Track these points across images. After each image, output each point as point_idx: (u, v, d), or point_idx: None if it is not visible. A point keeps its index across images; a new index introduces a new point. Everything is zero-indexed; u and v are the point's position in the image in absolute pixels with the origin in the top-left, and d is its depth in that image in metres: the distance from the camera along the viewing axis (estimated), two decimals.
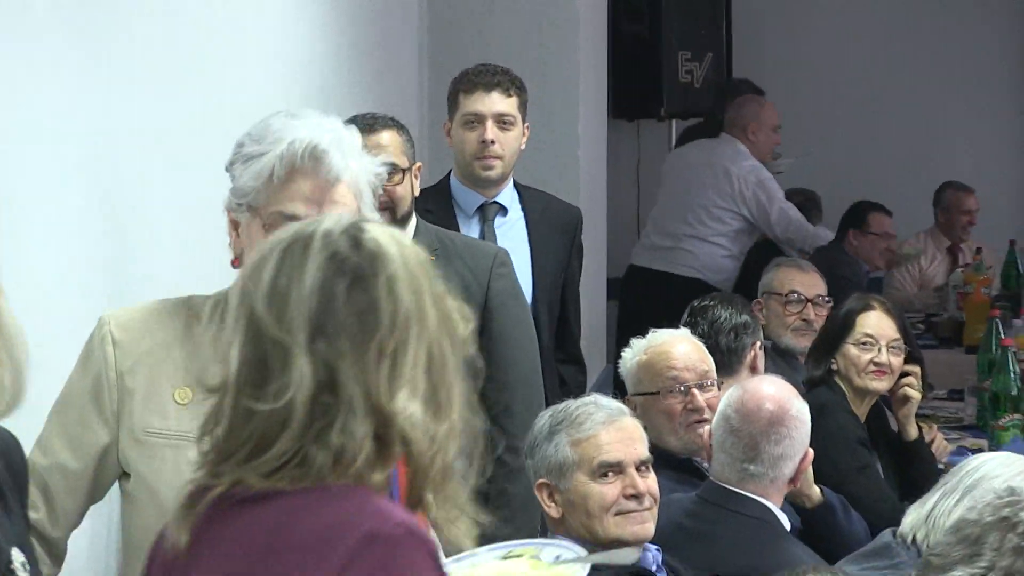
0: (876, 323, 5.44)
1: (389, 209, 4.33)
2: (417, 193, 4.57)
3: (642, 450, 4.03)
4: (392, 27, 7.02)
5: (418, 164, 4.57)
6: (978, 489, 3.82)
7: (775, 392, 4.50)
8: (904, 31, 10.51)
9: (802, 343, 6.12)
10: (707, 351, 4.97)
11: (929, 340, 8.34)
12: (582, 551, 3.44)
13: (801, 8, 10.47)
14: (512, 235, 5.07)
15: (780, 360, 5.95)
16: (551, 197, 5.32)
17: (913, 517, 3.95)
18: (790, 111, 9.47)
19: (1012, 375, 6.20)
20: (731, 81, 9.99)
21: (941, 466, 5.53)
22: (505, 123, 4.98)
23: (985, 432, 6.25)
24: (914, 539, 3.89)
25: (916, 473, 5.40)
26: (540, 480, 3.71)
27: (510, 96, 5.01)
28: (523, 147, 5.13)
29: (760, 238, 8.89)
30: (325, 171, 2.65)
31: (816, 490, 4.65)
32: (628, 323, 7.14)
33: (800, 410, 4.50)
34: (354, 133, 2.85)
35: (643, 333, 4.99)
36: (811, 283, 6.35)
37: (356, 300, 2.30)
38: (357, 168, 2.75)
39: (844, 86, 10.49)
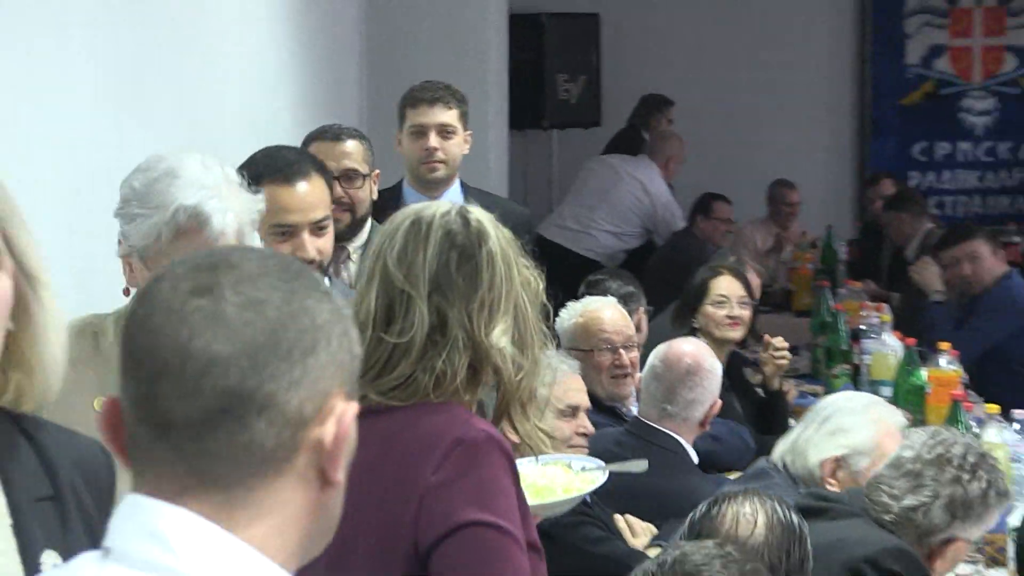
0: (727, 285, 5.68)
1: (350, 210, 4.26)
2: (375, 197, 4.42)
3: (587, 399, 4.29)
4: (338, 56, 7.14)
5: (376, 171, 4.44)
6: (831, 420, 4.08)
7: (693, 350, 4.76)
8: (743, 57, 10.34)
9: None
10: (629, 318, 5.11)
11: (763, 306, 8.11)
12: (601, 463, 3.77)
13: (656, 40, 10.24)
14: None
15: None
16: (499, 199, 5.19)
17: (782, 448, 4.14)
18: None
19: (842, 333, 6.50)
20: (648, 96, 10.15)
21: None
22: (447, 132, 4.88)
23: (819, 379, 6.51)
24: (784, 464, 4.05)
25: (775, 412, 5.73)
26: None
27: (451, 108, 4.90)
28: (466, 151, 5.00)
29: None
30: (208, 232, 2.57)
31: None
32: None
33: (713, 366, 4.74)
34: (231, 175, 2.73)
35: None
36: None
37: (464, 267, 2.59)
38: (237, 213, 2.66)
39: (695, 102, 10.38)
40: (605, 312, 5.04)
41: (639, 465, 4.17)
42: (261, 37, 5.78)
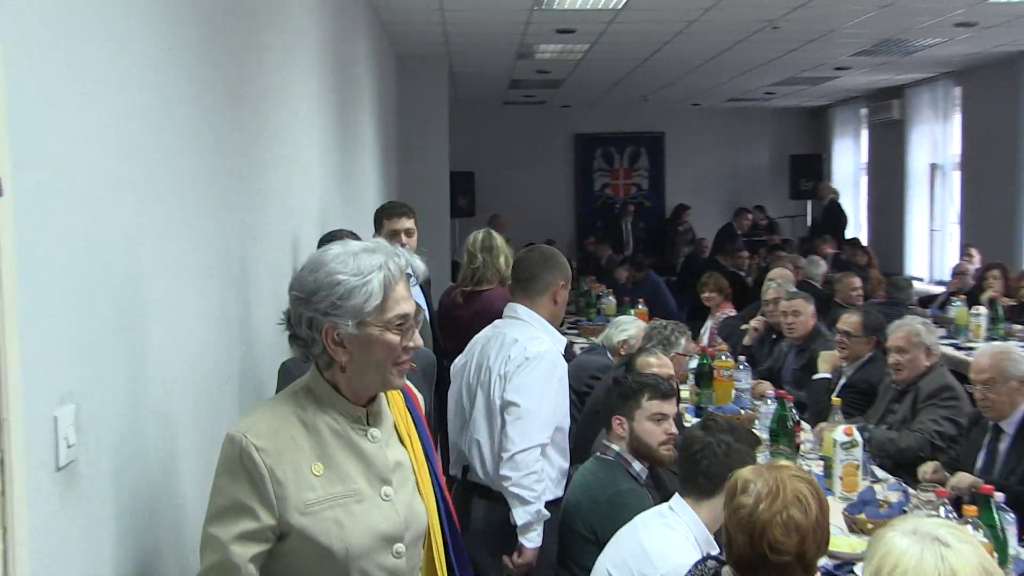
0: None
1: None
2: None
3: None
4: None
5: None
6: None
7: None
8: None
9: None
10: None
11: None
12: None
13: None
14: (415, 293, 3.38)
15: None
16: None
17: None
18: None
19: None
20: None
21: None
22: (408, 233, 4.84)
23: None
24: None
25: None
26: None
27: (410, 218, 4.87)
28: (416, 244, 4.75)
29: None
30: (406, 273, 2.19)
31: None
32: None
33: None
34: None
35: None
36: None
37: (490, 247, 4.53)
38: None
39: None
40: None
41: None
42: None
